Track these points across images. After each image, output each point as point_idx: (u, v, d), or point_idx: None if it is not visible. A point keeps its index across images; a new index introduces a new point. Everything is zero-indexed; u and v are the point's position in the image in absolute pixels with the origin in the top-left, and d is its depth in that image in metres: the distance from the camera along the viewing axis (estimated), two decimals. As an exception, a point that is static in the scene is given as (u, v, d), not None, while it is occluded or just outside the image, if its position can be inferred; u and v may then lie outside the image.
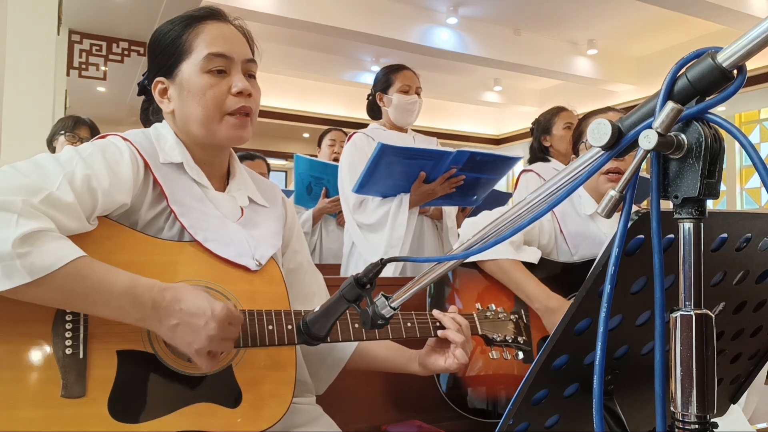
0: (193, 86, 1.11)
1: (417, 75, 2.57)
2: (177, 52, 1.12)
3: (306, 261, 1.32)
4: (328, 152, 3.59)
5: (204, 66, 1.10)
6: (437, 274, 0.74)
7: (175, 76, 1.13)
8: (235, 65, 1.12)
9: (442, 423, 1.55)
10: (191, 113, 1.11)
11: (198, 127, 1.12)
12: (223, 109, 1.11)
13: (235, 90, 1.11)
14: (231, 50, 1.12)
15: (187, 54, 1.11)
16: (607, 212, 0.56)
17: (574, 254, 1.70)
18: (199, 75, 1.10)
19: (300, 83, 10.53)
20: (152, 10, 5.76)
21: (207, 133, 1.12)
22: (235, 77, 1.12)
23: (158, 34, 1.16)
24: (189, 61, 1.11)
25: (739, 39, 0.51)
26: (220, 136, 1.12)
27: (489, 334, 1.27)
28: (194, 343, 0.94)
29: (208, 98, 1.10)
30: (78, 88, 7.93)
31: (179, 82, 1.12)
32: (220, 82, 1.11)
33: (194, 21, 1.13)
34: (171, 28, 1.14)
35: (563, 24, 8.41)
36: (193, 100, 1.11)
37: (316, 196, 3.22)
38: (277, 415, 1.04)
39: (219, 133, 1.12)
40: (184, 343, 0.95)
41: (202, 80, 1.10)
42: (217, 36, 1.12)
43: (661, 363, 0.55)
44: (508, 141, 12.99)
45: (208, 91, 1.10)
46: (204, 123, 1.11)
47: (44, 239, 0.87)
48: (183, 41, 1.12)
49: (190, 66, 1.11)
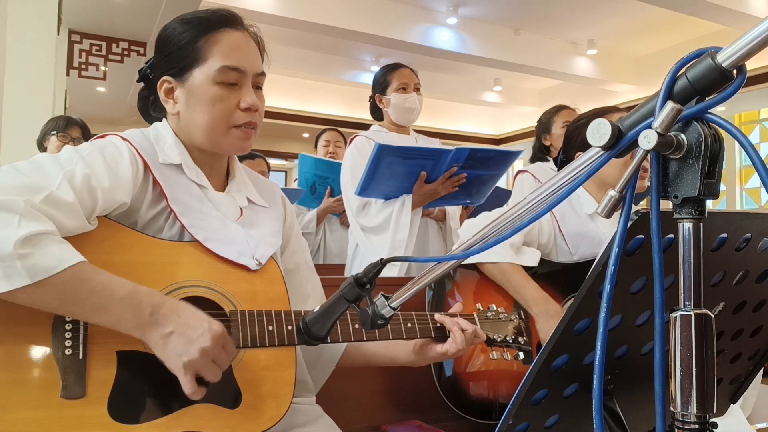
0: (202, 95, 1.10)
1: (415, 72, 2.55)
2: (190, 56, 1.11)
3: (304, 262, 1.31)
4: (322, 152, 3.59)
5: (216, 77, 1.10)
6: (437, 275, 0.74)
7: (185, 81, 1.12)
8: (246, 78, 1.12)
9: (442, 423, 1.54)
10: (197, 120, 1.11)
11: (202, 135, 1.12)
12: (230, 122, 1.11)
13: (244, 105, 1.11)
14: (244, 64, 1.11)
15: (201, 61, 1.10)
16: (606, 212, 0.56)
17: (574, 254, 1.70)
18: (211, 85, 1.10)
19: (300, 83, 10.54)
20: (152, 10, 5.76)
21: (210, 142, 1.13)
22: (244, 91, 1.12)
23: (170, 33, 1.14)
24: (202, 69, 1.10)
25: (739, 39, 0.51)
26: (224, 147, 1.14)
27: (489, 335, 1.27)
28: (185, 354, 0.92)
29: (216, 110, 1.10)
30: (78, 88, 7.93)
31: (189, 87, 1.11)
32: (230, 95, 1.10)
33: (211, 27, 1.12)
34: (186, 29, 1.12)
35: (563, 24, 8.41)
36: (201, 108, 1.10)
37: (320, 195, 3.21)
38: (277, 415, 1.04)
39: (223, 144, 1.13)
40: (175, 354, 0.93)
41: (213, 91, 1.10)
42: (234, 47, 1.11)
43: (660, 363, 0.55)
44: (508, 141, 12.99)
45: (217, 103, 1.10)
46: (209, 133, 1.12)
47: (46, 242, 0.87)
48: (198, 47, 1.11)
49: (202, 74, 1.10)
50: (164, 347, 0.93)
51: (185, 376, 0.93)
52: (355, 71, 9.95)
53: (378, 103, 2.56)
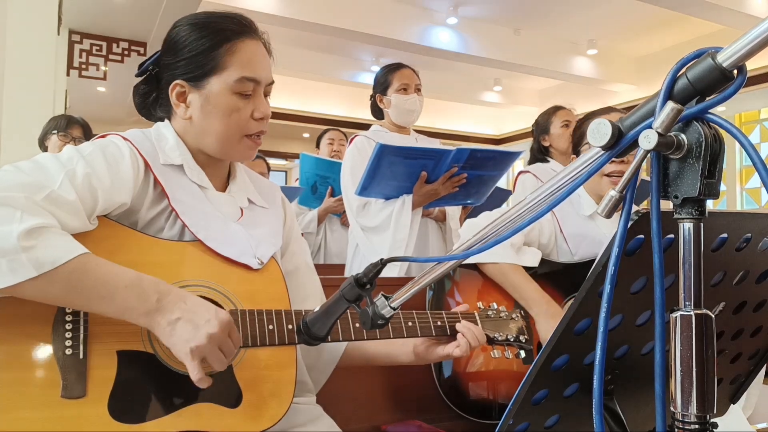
0: (220, 104, 1.11)
1: (416, 72, 2.55)
2: (210, 64, 1.10)
3: (304, 263, 1.31)
4: (327, 151, 3.59)
5: (235, 87, 1.10)
6: (437, 275, 0.74)
7: (202, 88, 1.11)
8: (260, 88, 1.14)
9: (442, 423, 1.55)
10: (212, 128, 1.12)
11: (215, 143, 1.13)
12: (244, 131, 1.13)
13: (258, 116, 1.13)
14: (260, 74, 1.13)
15: (220, 70, 1.10)
16: (607, 212, 0.56)
17: (574, 254, 1.70)
18: (229, 95, 1.11)
19: (300, 83, 10.54)
20: (152, 10, 5.76)
21: (222, 150, 1.14)
22: (258, 101, 1.13)
23: (185, 36, 1.12)
24: (220, 78, 1.10)
25: (739, 39, 0.51)
26: (234, 155, 1.17)
27: (491, 333, 1.27)
28: (192, 340, 0.92)
29: (232, 120, 1.12)
30: (78, 88, 7.93)
31: (206, 95, 1.11)
32: (246, 105, 1.12)
33: (231, 36, 1.12)
34: (204, 35, 1.11)
35: (563, 24, 8.41)
36: (218, 117, 1.11)
37: (321, 195, 3.21)
38: (278, 415, 1.04)
39: (234, 152, 1.16)
40: (182, 340, 0.92)
41: (231, 101, 1.11)
42: (252, 58, 1.13)
43: (661, 363, 0.55)
44: (508, 141, 12.99)
45: (234, 113, 1.11)
46: (223, 141, 1.13)
47: (48, 234, 0.87)
48: (218, 55, 1.10)
49: (220, 83, 1.10)
50: (171, 333, 0.93)
51: (192, 361, 0.93)
52: (355, 71, 9.95)
53: (378, 103, 2.56)
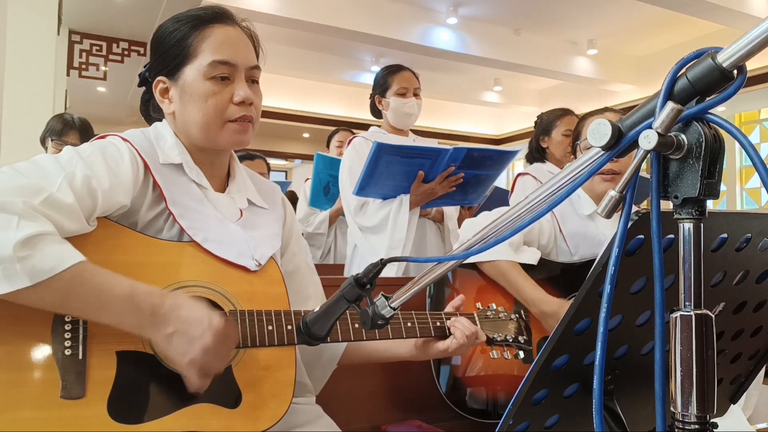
0: (195, 91, 1.10)
1: (416, 75, 2.55)
2: (181, 54, 1.11)
3: (304, 264, 1.31)
4: (336, 153, 3.59)
5: (207, 72, 1.09)
6: (437, 275, 0.74)
7: (178, 79, 1.12)
8: (239, 72, 1.11)
9: (442, 423, 1.55)
10: (192, 118, 1.11)
11: (198, 132, 1.12)
12: (224, 116, 1.11)
13: (237, 99, 1.10)
14: (235, 57, 1.11)
15: (192, 58, 1.10)
16: (607, 212, 0.56)
17: (574, 254, 1.70)
18: (202, 81, 1.10)
19: (300, 83, 10.53)
20: (152, 10, 5.76)
21: (207, 138, 1.12)
22: (237, 85, 1.11)
23: (163, 32, 1.14)
24: (193, 66, 1.10)
25: (739, 39, 0.51)
26: (221, 142, 1.13)
27: (490, 334, 1.27)
28: (188, 354, 0.94)
29: (209, 105, 1.10)
30: (78, 88, 7.93)
31: (181, 85, 1.11)
32: (222, 89, 1.10)
33: (201, 23, 1.12)
34: (176, 27, 1.12)
35: (563, 24, 8.41)
36: (195, 105, 1.10)
37: (333, 196, 3.19)
38: (277, 415, 1.04)
39: (220, 139, 1.12)
40: (178, 353, 0.94)
41: (205, 87, 1.09)
42: (224, 42, 1.11)
43: (661, 363, 0.55)
44: (508, 141, 12.99)
45: (210, 98, 1.09)
46: (204, 129, 1.11)
47: (45, 242, 0.87)
48: (188, 44, 1.10)
49: (193, 70, 1.10)
50: (167, 347, 0.95)
51: (190, 372, 0.95)
52: (355, 71, 9.94)
53: (377, 104, 2.56)
